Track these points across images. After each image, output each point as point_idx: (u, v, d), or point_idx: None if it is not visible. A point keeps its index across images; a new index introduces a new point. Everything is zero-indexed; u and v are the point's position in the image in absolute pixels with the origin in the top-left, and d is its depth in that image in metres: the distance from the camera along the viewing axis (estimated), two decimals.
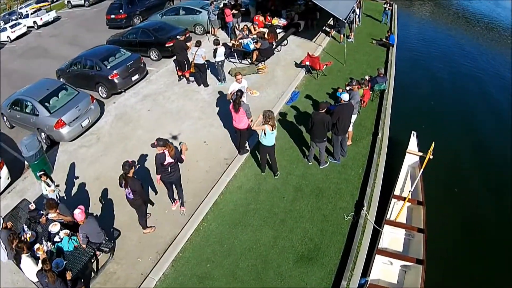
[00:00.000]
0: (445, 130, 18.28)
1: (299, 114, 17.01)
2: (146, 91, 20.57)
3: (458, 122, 19.51)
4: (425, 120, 19.00)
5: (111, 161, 15.47)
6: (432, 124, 18.68)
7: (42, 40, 38.15)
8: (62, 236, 10.61)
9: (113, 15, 33.63)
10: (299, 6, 26.41)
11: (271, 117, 11.97)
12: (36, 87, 18.81)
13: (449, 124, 19.14)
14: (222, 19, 26.22)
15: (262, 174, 13.74)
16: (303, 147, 14.81)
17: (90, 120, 17.77)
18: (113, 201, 13.45)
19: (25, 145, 14.60)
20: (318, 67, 19.32)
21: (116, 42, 25.77)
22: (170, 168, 11.32)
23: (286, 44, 23.54)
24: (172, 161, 11.22)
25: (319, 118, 12.33)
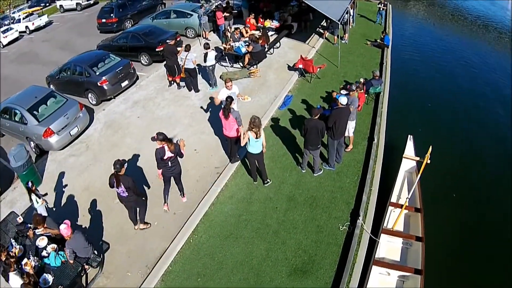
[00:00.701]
0: (442, 134, 17.98)
1: (292, 119, 16.73)
2: (136, 97, 20.32)
3: (456, 125, 19.16)
4: (422, 123, 18.70)
5: (100, 171, 15.21)
6: (429, 127, 18.38)
7: (34, 45, 37.91)
8: (50, 251, 10.39)
9: (104, 19, 33.46)
10: (292, 7, 26.21)
11: (255, 124, 11.69)
12: (25, 95, 18.55)
13: (447, 127, 18.80)
14: (214, 22, 26.04)
15: (254, 183, 13.47)
16: (297, 154, 14.53)
17: (79, 128, 17.50)
18: (101, 213, 13.19)
19: (13, 155, 14.36)
20: (311, 70, 19.08)
21: (106, 47, 25.55)
22: (170, 162, 11.54)
23: (278, 47, 23.32)
24: (172, 156, 11.42)
25: (312, 124, 12.04)
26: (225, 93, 14.23)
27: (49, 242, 10.69)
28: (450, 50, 29.01)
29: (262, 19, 25.08)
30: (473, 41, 31.93)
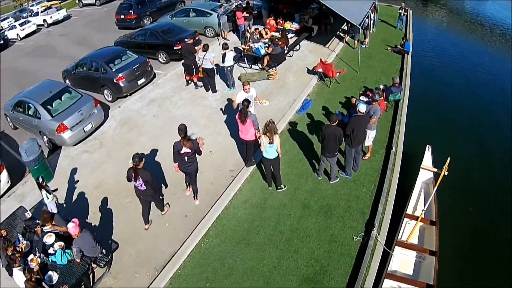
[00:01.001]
0: (461, 145, 17.63)
1: (310, 124, 16.54)
2: (152, 95, 20.33)
3: (476, 136, 18.77)
4: (441, 133, 18.36)
5: (113, 168, 15.21)
6: (448, 137, 18.02)
7: (51, 39, 38.21)
8: (56, 249, 10.38)
9: (122, 15, 33.63)
10: (313, 10, 25.97)
11: (268, 129, 11.57)
12: (39, 89, 18.62)
13: (466, 137, 18.44)
14: (233, 22, 25.96)
15: (268, 189, 13.31)
16: (313, 160, 14.36)
17: (93, 125, 17.52)
18: (112, 211, 13.17)
19: (25, 149, 14.39)
20: (331, 74, 18.88)
21: (124, 43, 25.65)
22: (187, 157, 11.64)
23: (298, 49, 23.17)
24: (189, 151, 11.50)
25: (330, 131, 11.89)
26: (243, 96, 14.04)
27: (56, 240, 10.68)
28: (472, 58, 28.57)
29: (282, 21, 24.95)
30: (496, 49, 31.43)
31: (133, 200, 13.12)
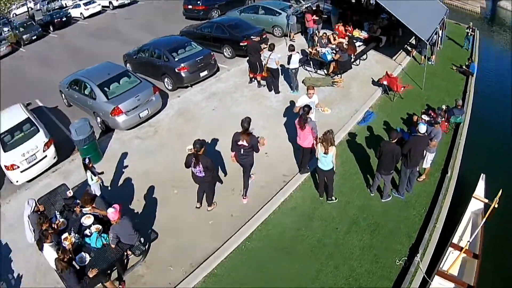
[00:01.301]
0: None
1: (370, 137, 16.48)
2: (214, 89, 20.77)
3: None
4: (498, 162, 17.85)
5: (163, 158, 15.67)
6: (505, 167, 17.44)
7: (115, 21, 39.49)
8: (93, 231, 10.69)
9: (190, 6, 34.42)
10: (382, 20, 25.79)
11: (325, 138, 11.67)
12: (98, 70, 19.44)
13: None
14: (302, 24, 26.09)
15: (319, 199, 13.37)
16: (368, 175, 14.32)
17: (150, 112, 18.10)
18: (157, 201, 13.59)
19: (75, 128, 15.09)
20: (396, 88, 18.72)
21: (189, 33, 26.30)
22: (243, 150, 12.15)
23: (365, 59, 23.06)
24: (246, 145, 12.00)
25: (388, 148, 11.89)
26: (305, 100, 14.16)
27: (94, 222, 11.02)
28: None
29: (351, 28, 24.94)
30: None
31: (180, 192, 13.72)
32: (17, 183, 15.57)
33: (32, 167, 15.61)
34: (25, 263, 12.17)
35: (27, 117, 16.83)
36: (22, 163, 15.27)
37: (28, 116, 16.89)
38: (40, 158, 15.74)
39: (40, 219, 10.42)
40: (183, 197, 13.44)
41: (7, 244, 13.07)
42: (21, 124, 16.52)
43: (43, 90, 25.05)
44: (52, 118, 21.10)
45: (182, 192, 13.74)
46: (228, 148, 13.09)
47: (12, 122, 16.55)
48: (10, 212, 14.51)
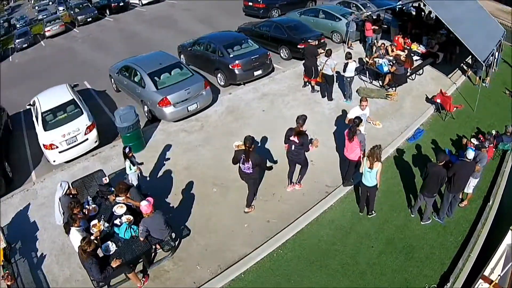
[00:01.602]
0: None
1: (417, 156, 16.33)
2: (266, 89, 20.99)
3: None
4: None
5: (207, 154, 16.01)
6: None
7: (174, 11, 40.19)
8: (123, 221, 11.00)
9: (251, 2, 34.72)
10: (441, 35, 25.52)
11: (371, 153, 11.70)
12: (150, 59, 20.00)
13: None
14: (362, 32, 26.07)
15: (359, 214, 13.38)
16: (411, 195, 14.22)
17: (199, 106, 18.43)
18: (195, 197, 13.88)
19: (120, 115, 15.60)
20: (448, 108, 18.45)
21: (247, 31, 26.71)
22: (293, 146, 12.74)
23: (421, 74, 22.80)
24: (297, 142, 12.56)
25: (434, 170, 11.84)
26: (357, 112, 14.23)
27: (126, 212, 11.37)
28: None
29: (410, 41, 24.74)
30: None
31: (219, 191, 13.99)
32: (54, 163, 16.21)
33: (71, 149, 16.19)
34: (50, 243, 12.73)
35: (71, 99, 17.43)
36: (61, 143, 15.87)
37: (73, 98, 17.49)
38: (81, 140, 16.32)
39: (72, 204, 10.77)
40: (222, 197, 13.69)
41: (35, 222, 13.73)
42: (65, 104, 17.15)
43: (93, 73, 26.04)
44: (99, 102, 21.95)
45: (221, 191, 14.00)
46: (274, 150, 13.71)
47: (56, 102, 17.21)
48: (42, 191, 15.20)
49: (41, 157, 17.05)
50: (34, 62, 35.27)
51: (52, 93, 18.54)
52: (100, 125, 18.04)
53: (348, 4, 30.55)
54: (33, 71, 31.95)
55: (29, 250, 12.57)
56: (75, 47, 36.08)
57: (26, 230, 13.42)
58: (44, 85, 21.93)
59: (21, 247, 12.81)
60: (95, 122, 17.04)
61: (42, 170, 16.82)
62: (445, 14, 20.57)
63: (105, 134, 17.69)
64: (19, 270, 11.88)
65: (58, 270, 11.79)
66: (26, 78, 30.03)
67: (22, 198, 15.10)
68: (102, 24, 42.70)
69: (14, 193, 15.45)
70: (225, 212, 13.17)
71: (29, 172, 17.09)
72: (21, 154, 18.52)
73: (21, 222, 13.86)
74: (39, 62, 34.47)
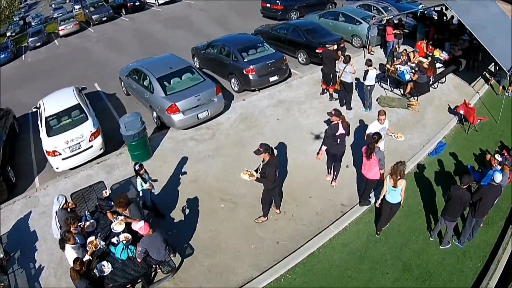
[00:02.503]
0: None
1: (439, 172, 15.65)
2: (282, 96, 20.44)
3: None
4: None
5: (216, 165, 15.52)
6: None
7: (190, 11, 40.16)
8: (121, 240, 10.60)
9: (269, 4, 34.45)
10: (464, 41, 24.83)
11: (395, 171, 11.20)
12: (161, 62, 19.56)
13: None
14: (383, 37, 25.51)
15: (375, 236, 12.73)
16: (431, 216, 13.55)
17: (210, 113, 17.93)
18: (200, 213, 13.37)
19: (125, 122, 15.17)
20: (472, 120, 17.82)
21: (264, 33, 26.31)
22: (340, 140, 13.01)
23: (443, 82, 22.14)
24: (344, 132, 12.92)
25: (457, 194, 11.28)
26: (375, 127, 13.58)
27: (124, 230, 10.92)
28: None
29: (432, 47, 24.06)
30: None
31: (227, 207, 13.48)
32: (57, 170, 15.95)
33: (75, 156, 15.91)
34: (49, 255, 12.44)
35: (77, 103, 17.16)
36: (64, 150, 15.60)
37: (78, 102, 17.21)
38: (85, 148, 16.02)
39: (68, 220, 10.49)
40: (229, 213, 13.17)
41: (35, 232, 13.49)
42: (70, 109, 16.90)
43: (105, 74, 25.85)
44: (107, 105, 21.68)
45: (229, 207, 13.48)
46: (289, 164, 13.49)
47: (61, 106, 16.97)
48: (44, 199, 14.97)
49: (46, 162, 16.70)
50: (47, 61, 35.30)
51: (57, 96, 18.29)
52: (107, 130, 17.80)
53: (369, 7, 30.04)
54: (45, 70, 31.98)
55: (28, 261, 12.35)
56: (88, 46, 36.11)
57: (26, 239, 13.26)
58: (55, 85, 22.05)
59: (19, 257, 12.62)
60: (100, 128, 16.73)
61: (46, 176, 16.57)
62: (468, 19, 20.05)
63: (112, 140, 17.36)
64: (16, 281, 11.67)
65: (55, 283, 11.54)
66: (37, 78, 30.06)
67: (24, 205, 14.91)
68: (117, 23, 42.82)
69: (16, 199, 15.29)
70: (232, 231, 12.64)
71: (32, 177, 16.86)
72: (26, 158, 18.32)
73: (21, 231, 13.69)
74: (52, 62, 34.51)
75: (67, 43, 39.97)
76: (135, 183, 12.83)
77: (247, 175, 11.33)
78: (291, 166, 14.97)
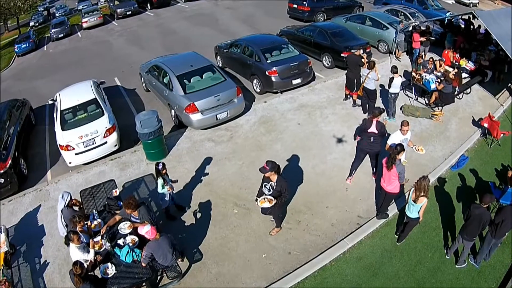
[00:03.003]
0: None
1: (461, 188, 15.18)
2: (305, 100, 20.13)
3: None
4: None
5: (233, 169, 15.27)
6: None
7: (216, 9, 40.12)
8: (127, 242, 10.45)
9: (296, 5, 34.38)
10: (490, 52, 24.33)
11: (417, 186, 10.87)
12: (182, 60, 19.46)
13: None
14: (409, 43, 25.15)
15: (390, 252, 12.37)
16: (449, 233, 13.16)
17: (229, 114, 17.70)
18: (212, 217, 13.13)
19: (141, 120, 15.01)
20: (495, 134, 17.40)
21: (289, 34, 26.17)
22: (372, 138, 13.11)
23: (468, 93, 21.69)
24: (376, 132, 12.97)
25: (477, 212, 10.96)
26: (398, 138, 13.26)
27: (131, 231, 10.73)
28: None
29: (458, 56, 23.60)
30: None
31: (241, 213, 13.22)
32: (70, 164, 15.92)
33: (88, 152, 15.85)
34: (55, 251, 12.37)
35: (94, 98, 17.11)
36: (78, 145, 15.57)
37: (95, 97, 17.15)
38: (99, 143, 15.95)
39: (75, 218, 10.40)
40: (242, 220, 12.90)
41: (42, 226, 13.45)
42: (87, 104, 16.87)
43: (125, 68, 25.86)
44: (126, 101, 21.62)
45: (242, 213, 13.20)
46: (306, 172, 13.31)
47: (77, 100, 16.95)
48: (55, 193, 14.85)
49: (59, 156, 16.58)
50: (68, 53, 35.57)
51: (74, 90, 18.26)
52: (124, 127, 17.76)
53: (396, 12, 29.79)
54: (66, 62, 32.20)
55: (33, 255, 12.31)
56: (111, 40, 36.29)
57: (33, 233, 13.18)
58: (74, 78, 22.44)
59: (25, 250, 12.57)
60: (116, 124, 16.65)
61: (59, 170, 16.55)
62: (496, 29, 19.74)
63: (129, 137, 17.30)
64: (20, 275, 11.69)
65: (59, 280, 11.45)
66: (58, 70, 30.25)
67: (34, 198, 14.90)
68: (141, 18, 43.00)
69: (27, 192, 15.29)
70: (243, 238, 12.36)
71: (45, 170, 16.90)
72: (40, 150, 18.37)
73: (29, 224, 13.66)
74: (73, 54, 34.76)
75: (90, 36, 40.23)
76: (150, 183, 12.82)
77: (267, 203, 10.95)
78: (309, 173, 14.66)
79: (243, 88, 20.35)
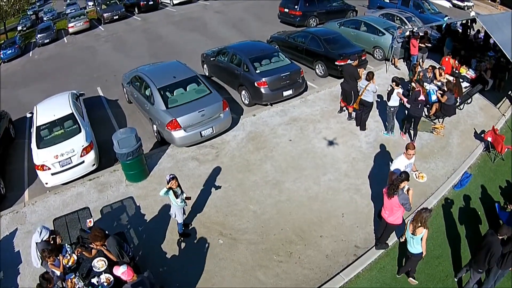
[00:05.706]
0: None
1: (464, 209, 14.25)
2: (296, 113, 19.17)
3: None
4: None
5: (217, 193, 14.26)
6: None
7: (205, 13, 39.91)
8: (101, 282, 9.45)
9: (287, 9, 33.59)
10: (490, 58, 23.55)
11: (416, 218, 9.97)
12: (164, 70, 18.66)
13: None
14: (406, 50, 24.38)
15: (390, 285, 11.41)
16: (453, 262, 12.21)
17: (214, 131, 16.72)
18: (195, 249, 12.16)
19: (118, 139, 14.10)
20: (499, 149, 16.69)
21: (280, 41, 25.43)
22: (420, 105, 15.85)
23: (470, 103, 20.87)
24: (424, 100, 15.91)
25: (489, 240, 10.24)
26: (402, 163, 12.18)
27: (106, 269, 9.77)
28: None
29: (458, 64, 22.75)
30: None
31: (226, 244, 12.32)
32: (47, 185, 15.09)
33: (65, 172, 15.02)
34: (31, 281, 11.46)
35: (71, 113, 16.38)
36: (54, 165, 14.80)
37: (72, 112, 16.40)
38: (76, 163, 15.14)
39: (44, 252, 9.45)
40: (228, 252, 11.91)
41: (19, 253, 12.62)
42: (63, 119, 16.16)
43: (108, 78, 25.24)
44: (107, 114, 20.74)
45: (228, 244, 12.20)
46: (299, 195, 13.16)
47: (54, 115, 16.25)
48: (31, 216, 14.10)
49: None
50: (53, 59, 34.69)
51: (51, 103, 17.52)
52: (103, 142, 16.87)
53: (392, 17, 29.04)
54: (50, 69, 31.36)
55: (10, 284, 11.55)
56: (96, 46, 35.58)
57: (9, 260, 12.34)
58: (57, 86, 22.29)
59: (2, 279, 11.80)
60: (94, 142, 15.79)
61: (36, 190, 15.64)
62: (499, 36, 19.14)
63: (109, 153, 16.18)
64: None
65: None
66: (41, 77, 29.42)
67: (11, 220, 14.03)
68: (128, 22, 42.50)
69: (3, 214, 14.38)
70: (230, 273, 11.34)
71: (23, 189, 15.95)
72: (18, 167, 17.43)
73: (4, 250, 12.77)
74: (58, 60, 33.88)
75: (75, 42, 39.48)
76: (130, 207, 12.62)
77: None
78: (302, 197, 13.71)
79: (231, 100, 19.49)
